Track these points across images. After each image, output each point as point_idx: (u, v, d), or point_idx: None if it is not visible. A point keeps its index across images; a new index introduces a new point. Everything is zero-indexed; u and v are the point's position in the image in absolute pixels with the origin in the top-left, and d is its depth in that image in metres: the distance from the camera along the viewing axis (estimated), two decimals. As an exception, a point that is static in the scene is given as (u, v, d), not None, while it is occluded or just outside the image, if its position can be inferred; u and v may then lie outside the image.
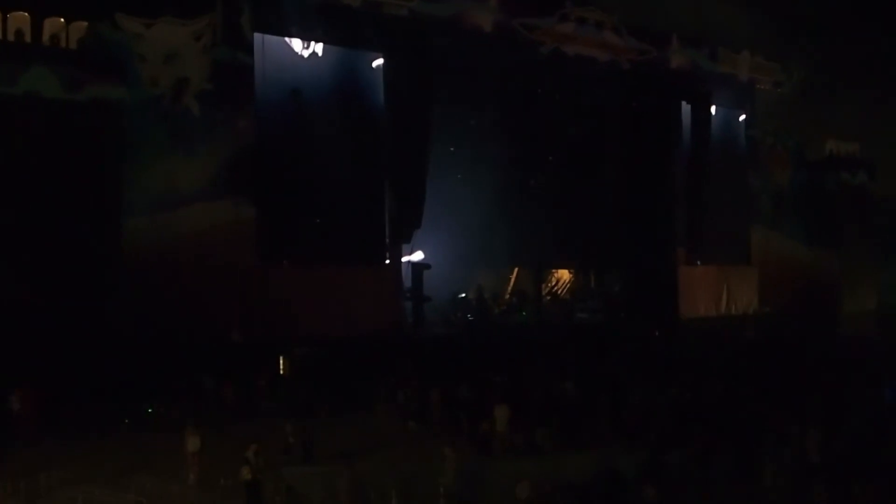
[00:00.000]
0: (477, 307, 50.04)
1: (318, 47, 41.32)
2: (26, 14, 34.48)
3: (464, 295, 50.82)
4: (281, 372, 35.07)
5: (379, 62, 43.02)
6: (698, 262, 54.70)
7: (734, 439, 25.36)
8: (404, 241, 43.64)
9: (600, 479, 20.69)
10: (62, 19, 35.32)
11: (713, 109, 55.92)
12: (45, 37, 34.99)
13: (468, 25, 44.83)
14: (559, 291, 57.43)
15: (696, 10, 51.48)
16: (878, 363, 38.54)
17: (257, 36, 38.77)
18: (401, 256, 43.76)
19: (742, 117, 59.22)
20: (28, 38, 34.44)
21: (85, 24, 35.34)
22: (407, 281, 44.28)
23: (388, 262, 43.08)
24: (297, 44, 40.86)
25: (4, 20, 34.18)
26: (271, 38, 39.64)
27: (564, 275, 58.11)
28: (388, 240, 43.06)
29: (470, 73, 45.39)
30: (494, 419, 27.07)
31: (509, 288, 55.94)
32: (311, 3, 39.67)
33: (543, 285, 56.18)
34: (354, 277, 40.85)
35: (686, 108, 54.88)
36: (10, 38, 34.19)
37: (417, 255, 45.60)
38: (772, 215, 60.51)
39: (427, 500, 21.56)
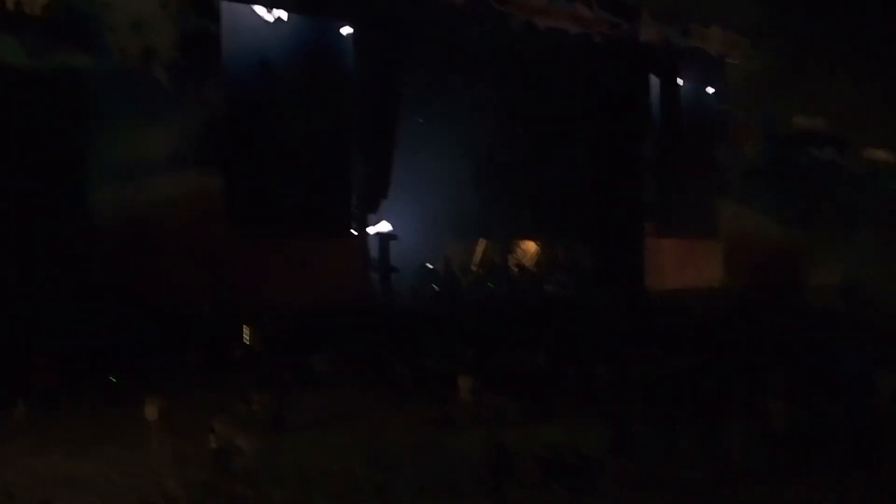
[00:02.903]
0: (445, 278, 50.03)
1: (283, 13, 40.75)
2: (-12, -20, 34.04)
3: (431, 266, 50.78)
4: (246, 341, 34.91)
5: (349, 30, 42.61)
6: (667, 236, 54.83)
7: (700, 412, 25.48)
8: (371, 211, 43.50)
9: (564, 453, 20.64)
10: (26, -15, 34.91)
11: (683, 83, 55.88)
12: (10, 3, 34.54)
13: (439, -4, 44.47)
14: (527, 263, 57.48)
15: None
16: (842, 337, 38.83)
17: (225, 4, 38.34)
18: (367, 227, 43.59)
19: (712, 91, 59.13)
20: (-10, 5, 34.03)
21: (50, -10, 34.96)
22: (373, 252, 44.15)
23: (355, 233, 42.94)
24: (261, 8, 40.30)
25: (-35, -13, 33.71)
26: (239, 7, 39.21)
27: (532, 247, 58.20)
28: (355, 210, 42.87)
29: (440, 44, 45.18)
30: (458, 389, 27.13)
31: (478, 259, 55.97)
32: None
33: (511, 256, 56.35)
34: (322, 249, 40.75)
35: (656, 81, 54.88)
36: (-29, 4, 33.78)
37: (384, 226, 45.45)
38: (740, 190, 60.66)
39: (390, 472, 21.49)
